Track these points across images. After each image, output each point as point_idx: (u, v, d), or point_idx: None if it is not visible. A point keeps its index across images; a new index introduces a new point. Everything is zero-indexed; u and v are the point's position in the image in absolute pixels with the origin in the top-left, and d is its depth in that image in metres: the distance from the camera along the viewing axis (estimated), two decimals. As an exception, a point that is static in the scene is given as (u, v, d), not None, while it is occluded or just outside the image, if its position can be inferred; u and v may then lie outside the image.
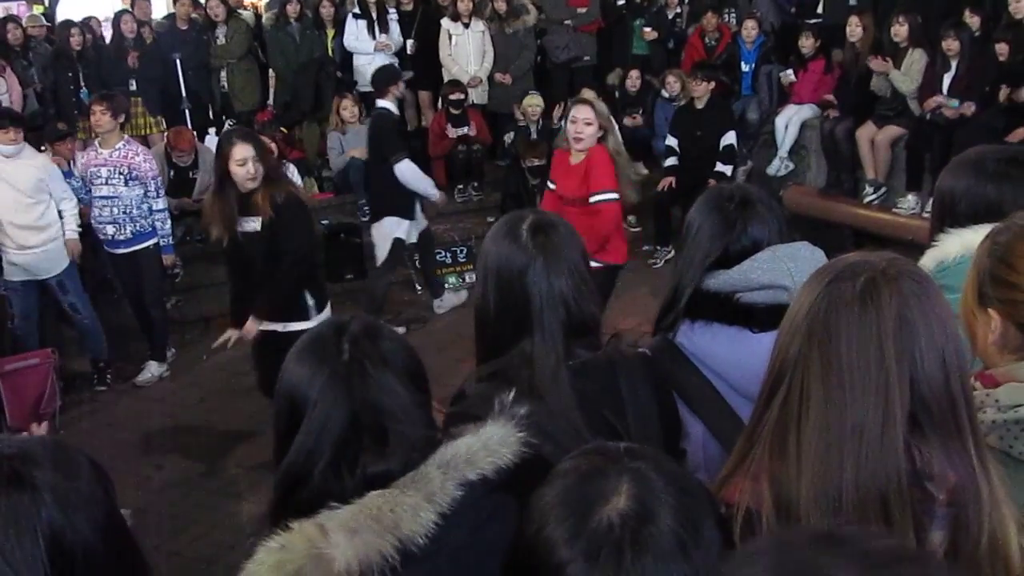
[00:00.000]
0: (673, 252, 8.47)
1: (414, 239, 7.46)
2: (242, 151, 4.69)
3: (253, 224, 4.79)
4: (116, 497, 1.37)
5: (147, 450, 5.89)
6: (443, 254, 8.38)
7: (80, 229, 6.66)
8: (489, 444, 1.49)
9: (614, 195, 5.33)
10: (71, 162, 7.57)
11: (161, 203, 6.72)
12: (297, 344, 1.60)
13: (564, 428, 1.85)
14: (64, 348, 6.88)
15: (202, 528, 5.05)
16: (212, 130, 9.76)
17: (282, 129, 9.30)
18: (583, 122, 5.22)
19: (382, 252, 7.26)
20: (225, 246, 4.97)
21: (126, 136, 6.95)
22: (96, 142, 6.73)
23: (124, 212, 6.57)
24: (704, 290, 2.18)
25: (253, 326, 4.90)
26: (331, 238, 8.37)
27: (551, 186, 5.68)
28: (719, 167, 8.26)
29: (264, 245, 4.78)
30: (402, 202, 7.18)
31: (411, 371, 1.58)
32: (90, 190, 6.63)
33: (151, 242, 6.69)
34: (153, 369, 7.02)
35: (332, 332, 1.57)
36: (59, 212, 6.54)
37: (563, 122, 5.63)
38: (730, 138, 8.36)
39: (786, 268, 2.06)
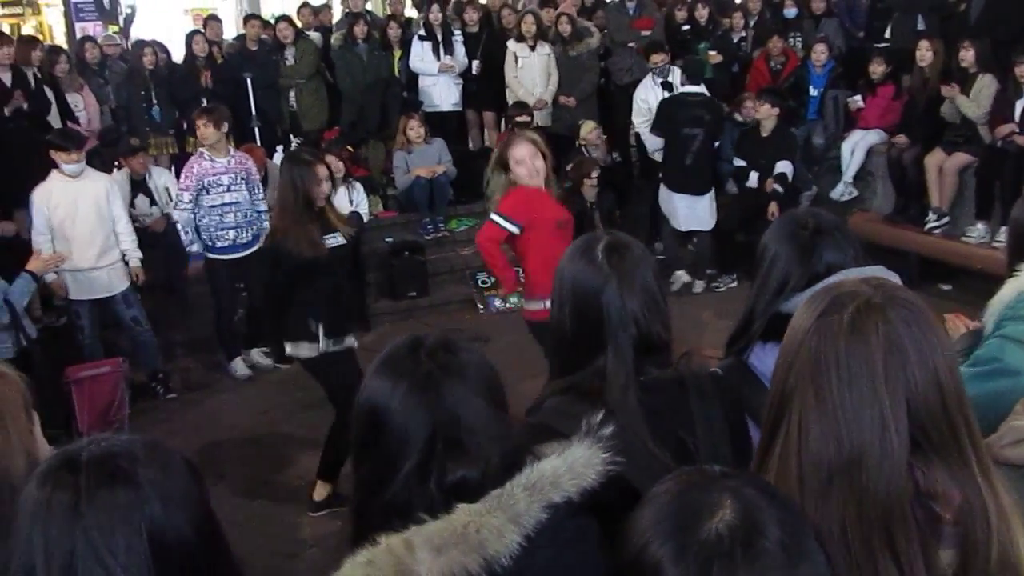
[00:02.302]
0: (736, 281, 8.43)
1: None
2: (324, 171, 5.06)
3: (338, 239, 5.07)
4: (210, 497, 1.40)
5: (210, 459, 5.96)
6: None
7: (140, 254, 6.88)
8: (574, 466, 1.47)
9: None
10: (146, 176, 7.85)
11: (264, 205, 7.06)
12: (375, 360, 1.62)
13: (633, 443, 1.86)
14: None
15: (263, 538, 5.09)
16: (280, 148, 9.92)
17: (348, 147, 9.42)
18: (531, 158, 5.20)
19: (707, 219, 8.47)
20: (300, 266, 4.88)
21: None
22: (205, 153, 6.91)
23: (244, 216, 6.98)
24: (777, 312, 2.18)
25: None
26: (395, 255, 8.46)
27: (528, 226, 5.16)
28: (773, 186, 8.23)
29: (348, 256, 4.94)
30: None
31: (489, 384, 1.60)
32: (199, 200, 6.84)
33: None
34: (260, 358, 7.40)
35: (410, 346, 1.58)
36: (115, 233, 6.74)
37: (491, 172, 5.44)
38: (783, 167, 8.26)
39: None
